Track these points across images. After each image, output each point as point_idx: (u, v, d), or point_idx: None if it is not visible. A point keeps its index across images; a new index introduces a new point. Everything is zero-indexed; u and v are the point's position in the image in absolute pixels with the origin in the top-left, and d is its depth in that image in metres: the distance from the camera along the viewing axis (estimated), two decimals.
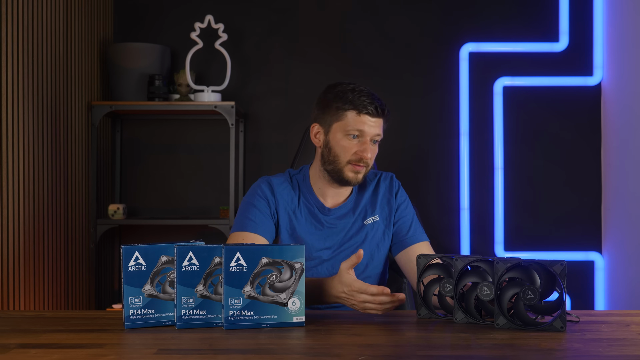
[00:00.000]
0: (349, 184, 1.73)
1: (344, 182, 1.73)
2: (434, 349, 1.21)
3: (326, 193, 1.78)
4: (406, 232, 1.79)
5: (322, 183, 1.77)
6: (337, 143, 1.71)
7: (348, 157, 1.70)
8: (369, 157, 1.70)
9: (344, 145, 1.70)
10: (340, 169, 1.71)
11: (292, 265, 1.36)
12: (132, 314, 1.35)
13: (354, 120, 1.69)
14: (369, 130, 1.69)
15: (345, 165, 1.71)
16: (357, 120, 1.69)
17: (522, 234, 3.22)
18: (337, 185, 1.76)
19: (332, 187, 1.77)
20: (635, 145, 2.86)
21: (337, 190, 1.78)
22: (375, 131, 1.70)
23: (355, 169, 1.71)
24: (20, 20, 2.39)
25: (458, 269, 1.40)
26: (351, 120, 1.69)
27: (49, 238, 2.61)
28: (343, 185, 1.75)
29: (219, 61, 3.18)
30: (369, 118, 1.69)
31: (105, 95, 3.20)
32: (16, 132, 2.37)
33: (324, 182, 1.77)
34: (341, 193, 1.79)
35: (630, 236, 2.92)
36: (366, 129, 1.69)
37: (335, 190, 1.78)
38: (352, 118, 1.69)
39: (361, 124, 1.68)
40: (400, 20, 3.26)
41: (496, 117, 3.21)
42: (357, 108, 1.68)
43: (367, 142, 1.69)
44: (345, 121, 1.70)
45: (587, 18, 3.19)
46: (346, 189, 1.79)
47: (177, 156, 3.31)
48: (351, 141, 1.70)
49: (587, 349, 1.20)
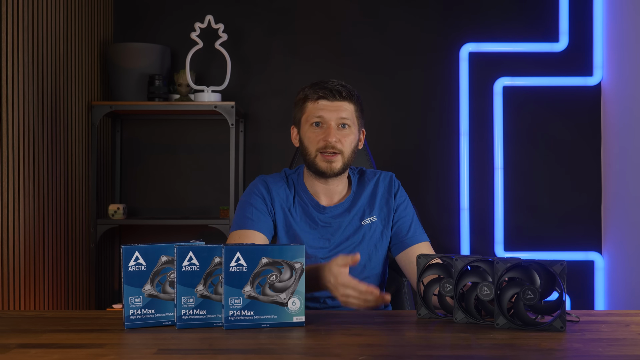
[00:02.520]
0: (326, 175, 1.73)
1: (320, 173, 1.74)
2: (434, 349, 1.21)
3: (318, 191, 1.79)
4: (406, 233, 1.79)
5: (312, 181, 1.79)
6: (304, 135, 1.76)
7: (315, 146, 1.72)
8: (334, 140, 1.70)
9: (309, 136, 1.74)
10: (312, 160, 1.73)
11: (292, 265, 1.36)
12: (132, 314, 1.35)
13: (313, 108, 1.73)
14: (329, 115, 1.71)
15: (316, 156, 1.72)
16: (315, 108, 1.73)
17: (522, 234, 3.22)
18: (323, 180, 1.76)
19: (320, 183, 1.78)
20: (635, 145, 2.86)
21: (327, 187, 1.78)
22: (336, 115, 1.72)
23: (326, 158, 1.71)
24: (20, 20, 2.39)
25: (458, 269, 1.40)
26: (311, 109, 1.74)
27: (49, 238, 2.61)
28: (324, 178, 1.75)
29: (219, 61, 3.18)
30: (327, 102, 1.72)
31: (105, 95, 3.20)
32: (16, 132, 2.37)
33: (312, 180, 1.79)
34: (333, 190, 1.79)
35: (630, 236, 2.92)
36: (325, 114, 1.71)
37: (325, 186, 1.78)
38: (311, 107, 1.74)
39: (319, 110, 1.72)
40: (400, 20, 3.26)
41: (496, 117, 3.21)
42: (312, 96, 1.74)
43: (330, 127, 1.71)
44: (307, 112, 1.74)
45: (587, 18, 3.19)
46: (337, 185, 1.79)
47: (177, 156, 3.31)
48: (315, 130, 1.73)
49: (587, 349, 1.20)
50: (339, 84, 1.74)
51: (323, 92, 1.72)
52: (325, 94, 1.72)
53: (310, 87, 1.76)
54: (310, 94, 1.74)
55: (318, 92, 1.73)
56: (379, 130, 3.19)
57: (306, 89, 1.77)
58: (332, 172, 1.73)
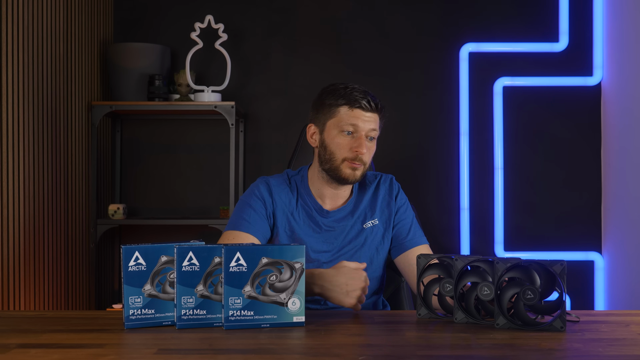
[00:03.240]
0: (347, 182, 1.71)
1: (342, 180, 1.71)
2: (434, 349, 1.21)
3: (324, 194, 1.77)
4: (405, 236, 1.78)
5: (321, 184, 1.76)
6: (332, 140, 1.71)
7: (344, 154, 1.69)
8: (364, 152, 1.68)
9: (338, 142, 1.69)
10: (337, 166, 1.70)
11: (292, 265, 1.36)
12: (132, 314, 1.35)
13: (347, 115, 1.69)
14: (363, 125, 1.68)
15: (342, 163, 1.70)
16: (350, 115, 1.68)
17: (522, 234, 3.22)
18: (336, 185, 1.74)
19: (331, 187, 1.76)
20: (635, 145, 2.86)
21: (336, 192, 1.77)
22: (369, 126, 1.69)
23: (352, 166, 1.69)
24: (20, 20, 2.39)
25: (458, 269, 1.40)
26: (344, 116, 1.69)
27: (49, 238, 2.61)
28: (342, 184, 1.74)
29: (219, 61, 3.18)
30: (362, 112, 1.68)
31: (105, 95, 3.20)
32: (16, 132, 2.37)
33: (323, 183, 1.76)
34: (340, 195, 1.78)
35: (630, 236, 2.92)
36: (360, 123, 1.68)
37: (334, 191, 1.76)
38: (345, 113, 1.69)
39: (354, 119, 1.68)
40: (399, 20, 3.26)
41: (496, 117, 3.21)
42: (349, 103, 1.68)
43: (362, 138, 1.68)
44: (339, 117, 1.70)
45: (587, 18, 3.19)
46: (345, 190, 1.78)
47: (177, 156, 3.31)
48: (345, 137, 1.69)
49: (587, 349, 1.20)
50: (373, 95, 1.70)
51: (362, 102, 1.68)
52: (362, 105, 1.68)
53: (344, 91, 1.69)
54: (348, 99, 1.68)
55: (357, 101, 1.68)
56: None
57: (340, 91, 1.70)
58: (354, 180, 1.71)
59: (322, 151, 1.73)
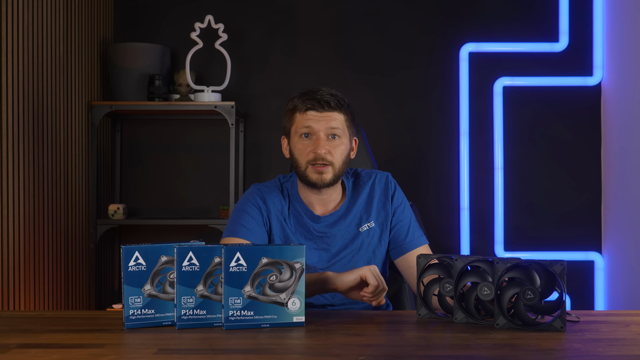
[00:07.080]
0: (317, 186, 1.70)
1: (312, 185, 1.70)
2: (434, 349, 1.21)
3: (312, 201, 1.76)
4: (404, 237, 1.77)
5: (304, 191, 1.76)
6: (294, 147, 1.72)
7: (305, 158, 1.69)
8: (322, 151, 1.67)
9: (299, 148, 1.70)
10: (303, 172, 1.70)
11: (292, 265, 1.36)
12: (132, 314, 1.35)
13: (302, 119, 1.70)
14: (318, 126, 1.68)
15: (306, 168, 1.69)
16: (304, 118, 1.69)
17: (522, 234, 3.22)
18: (316, 190, 1.73)
19: (314, 193, 1.74)
20: (635, 145, 2.86)
21: (321, 197, 1.75)
22: (327, 125, 1.68)
23: (317, 169, 1.68)
24: (20, 20, 2.39)
25: (458, 269, 1.40)
26: (300, 120, 1.70)
27: (49, 238, 2.61)
28: (318, 189, 1.72)
29: (219, 61, 3.18)
30: (316, 113, 1.68)
31: (105, 95, 3.20)
32: (16, 132, 2.37)
33: (305, 190, 1.75)
34: (328, 200, 1.76)
35: (630, 236, 2.92)
36: (313, 124, 1.68)
37: (319, 197, 1.74)
38: (300, 117, 1.70)
39: (307, 121, 1.68)
40: (400, 20, 3.26)
41: (496, 117, 3.21)
42: (300, 107, 1.70)
43: (320, 139, 1.68)
44: (296, 123, 1.71)
45: (587, 18, 3.19)
46: (332, 194, 1.75)
47: (177, 156, 3.31)
48: (304, 141, 1.69)
49: (587, 349, 1.20)
50: (329, 94, 1.69)
51: (311, 103, 1.68)
52: (313, 105, 1.68)
53: (298, 97, 1.72)
54: (299, 104, 1.70)
55: (306, 103, 1.69)
56: (379, 130, 3.19)
57: (295, 99, 1.73)
58: (323, 184, 1.69)
59: (292, 160, 1.74)
